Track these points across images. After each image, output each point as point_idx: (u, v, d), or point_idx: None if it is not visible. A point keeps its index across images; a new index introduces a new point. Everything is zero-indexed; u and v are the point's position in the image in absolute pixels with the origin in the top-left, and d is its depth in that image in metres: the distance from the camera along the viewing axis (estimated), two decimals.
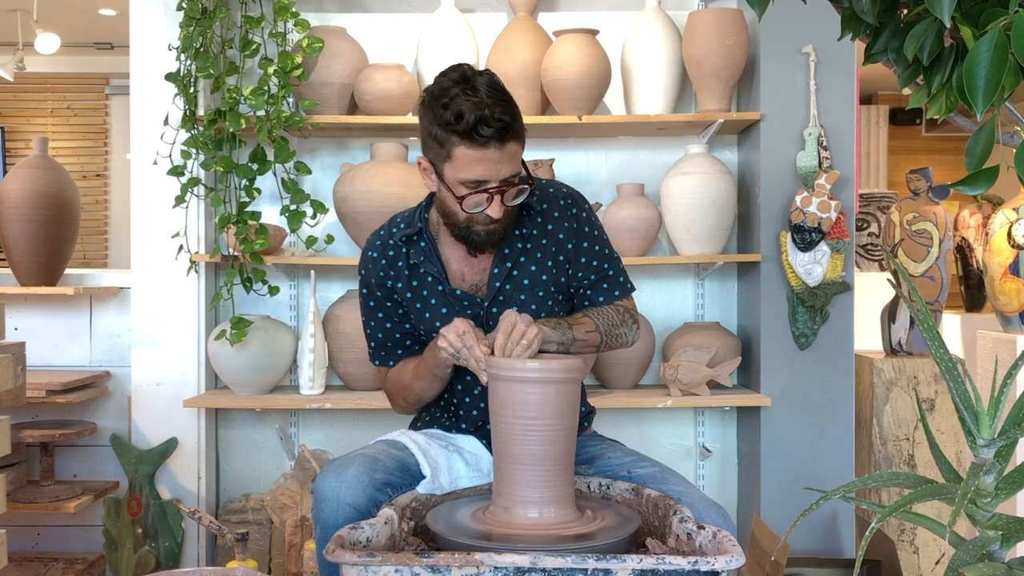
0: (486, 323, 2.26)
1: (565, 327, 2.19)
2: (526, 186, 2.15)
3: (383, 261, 2.31)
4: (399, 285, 2.31)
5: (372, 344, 2.41)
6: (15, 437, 3.49)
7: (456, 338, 2.08)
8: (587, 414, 2.46)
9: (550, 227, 2.28)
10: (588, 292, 2.33)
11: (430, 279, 2.28)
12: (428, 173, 2.20)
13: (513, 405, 1.95)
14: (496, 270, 2.25)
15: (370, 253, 2.34)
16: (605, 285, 2.33)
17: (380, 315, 2.36)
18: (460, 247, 2.27)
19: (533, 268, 2.26)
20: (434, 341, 2.16)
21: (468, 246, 2.23)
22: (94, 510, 3.76)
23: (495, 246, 2.23)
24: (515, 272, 2.25)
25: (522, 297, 2.25)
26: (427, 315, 2.29)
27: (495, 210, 2.12)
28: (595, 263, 2.32)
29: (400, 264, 2.30)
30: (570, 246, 2.29)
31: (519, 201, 2.16)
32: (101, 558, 3.77)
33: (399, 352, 2.38)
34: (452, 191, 2.13)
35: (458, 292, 2.27)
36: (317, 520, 2.09)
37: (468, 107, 2.01)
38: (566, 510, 1.96)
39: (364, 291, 2.37)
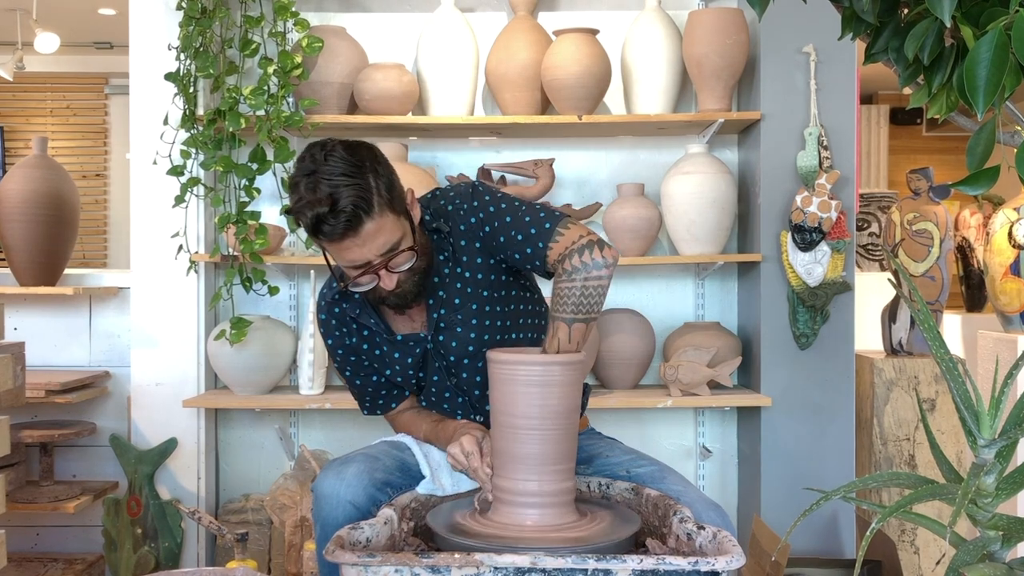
0: (435, 355, 2.26)
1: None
2: (408, 251, 2.08)
3: (333, 321, 2.32)
4: (353, 340, 2.32)
5: (356, 397, 2.43)
6: (14, 437, 3.48)
7: (463, 459, 2.10)
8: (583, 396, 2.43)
9: (455, 240, 2.20)
10: (526, 266, 2.18)
11: (374, 328, 2.28)
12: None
13: (515, 406, 1.94)
14: (431, 301, 2.23)
15: (320, 316, 2.35)
16: (529, 250, 2.12)
17: (348, 372, 2.38)
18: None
19: (458, 285, 2.21)
20: (448, 433, 2.21)
21: (391, 309, 2.24)
22: (93, 510, 3.76)
23: (416, 299, 2.19)
24: (445, 297, 2.22)
25: (459, 316, 2.22)
26: (386, 360, 2.31)
27: (387, 282, 2.09)
28: (513, 235, 2.14)
29: (348, 319, 2.30)
30: (482, 243, 2.19)
31: (408, 266, 2.10)
32: (100, 558, 3.76)
33: (380, 401, 2.41)
34: (343, 277, 2.13)
35: (399, 337, 2.26)
36: (317, 519, 2.09)
37: (305, 210, 1.97)
38: (566, 509, 1.96)
39: (330, 351, 2.38)
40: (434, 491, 2.16)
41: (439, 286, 2.21)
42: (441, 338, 2.23)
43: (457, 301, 2.21)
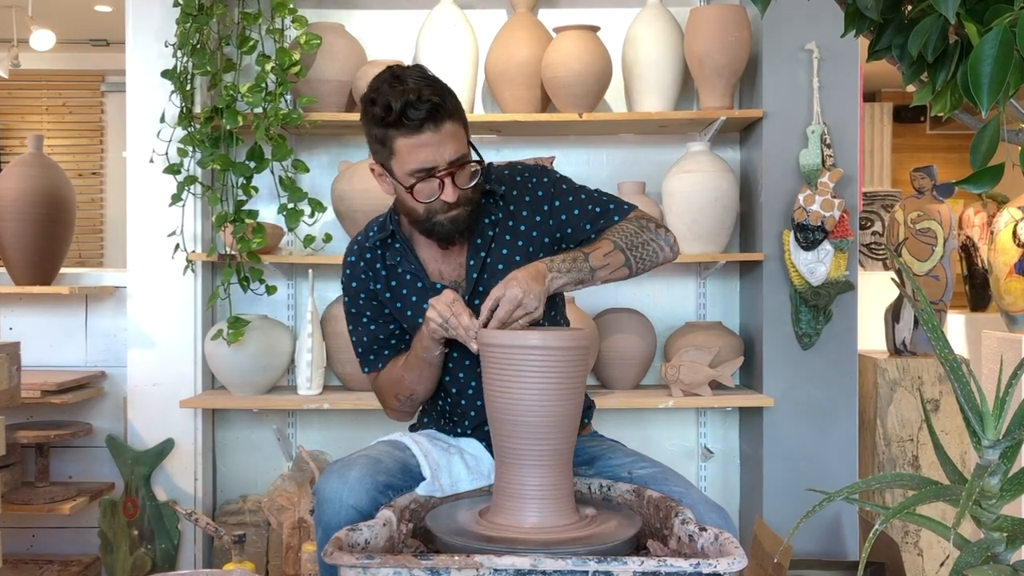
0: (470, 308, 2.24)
1: (578, 259, 2.10)
2: (475, 164, 2.14)
3: (362, 264, 2.32)
4: (378, 287, 2.31)
5: (359, 351, 2.39)
6: (10, 438, 3.49)
7: (445, 307, 2.07)
8: (587, 408, 2.43)
9: (512, 207, 2.25)
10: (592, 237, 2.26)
11: (408, 277, 2.28)
12: (382, 177, 2.20)
13: (510, 378, 1.92)
14: (472, 262, 2.24)
15: (349, 258, 2.35)
16: (602, 221, 2.23)
17: (364, 319, 2.35)
18: (434, 246, 2.26)
19: (505, 252, 2.23)
20: (422, 326, 2.15)
21: (437, 240, 2.21)
22: (89, 512, 3.74)
23: (464, 235, 2.20)
24: (488, 260, 2.23)
25: (500, 267, 2.22)
26: (409, 313, 2.29)
27: (449, 194, 2.11)
28: (588, 208, 2.25)
29: (379, 266, 2.30)
30: (542, 216, 2.24)
31: (473, 183, 2.14)
32: (97, 560, 3.74)
33: (386, 353, 2.36)
34: (404, 186, 2.13)
35: (438, 286, 2.25)
36: (319, 522, 2.08)
37: (394, 96, 2.03)
38: (566, 503, 1.95)
39: (347, 299, 2.36)
40: (433, 492, 2.15)
41: (483, 247, 2.23)
42: (476, 301, 2.21)
43: (501, 267, 2.22)
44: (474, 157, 2.16)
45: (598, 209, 2.24)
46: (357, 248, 2.33)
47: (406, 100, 2.02)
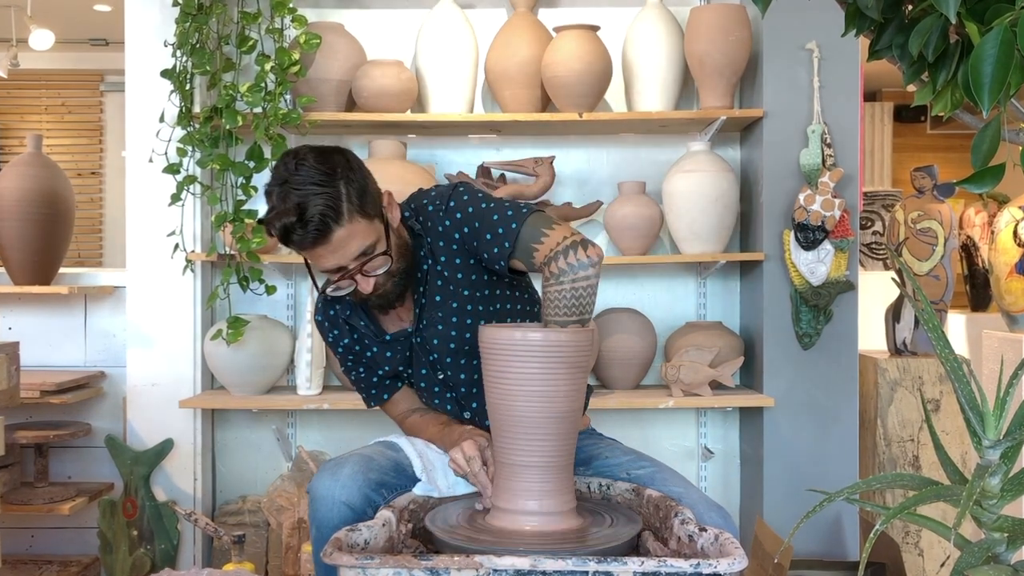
0: (420, 351, 2.28)
1: None
2: (383, 255, 2.12)
3: (326, 323, 2.36)
4: (347, 341, 2.36)
5: (360, 387, 2.44)
6: (9, 438, 3.48)
7: (464, 463, 2.10)
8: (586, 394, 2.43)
9: (429, 239, 2.23)
10: (500, 263, 2.17)
11: (364, 330, 2.33)
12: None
13: (511, 375, 1.92)
14: (415, 296, 2.26)
15: (317, 317, 2.40)
16: (496, 250, 2.11)
17: (350, 364, 2.40)
18: None
19: (440, 283, 2.23)
20: (454, 438, 2.20)
21: (377, 311, 2.28)
22: (89, 512, 3.73)
23: (400, 299, 2.23)
24: (425, 291, 2.25)
25: (440, 313, 2.23)
26: (377, 360, 2.35)
27: (364, 286, 2.14)
28: (489, 239, 2.12)
29: (341, 320, 2.35)
30: (458, 245, 2.20)
31: (384, 269, 2.13)
32: (96, 561, 3.74)
33: (387, 383, 2.41)
34: (324, 282, 2.18)
35: (388, 337, 2.31)
36: (312, 520, 2.09)
37: (275, 220, 2.02)
38: (567, 503, 1.94)
39: (332, 348, 2.41)
40: (430, 492, 2.15)
41: (421, 281, 2.24)
42: (424, 334, 2.25)
43: (438, 299, 2.24)
44: (381, 244, 2.11)
45: (501, 230, 2.10)
46: (321, 306, 2.37)
47: (284, 224, 2.00)
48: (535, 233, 2.08)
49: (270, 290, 3.53)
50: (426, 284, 2.23)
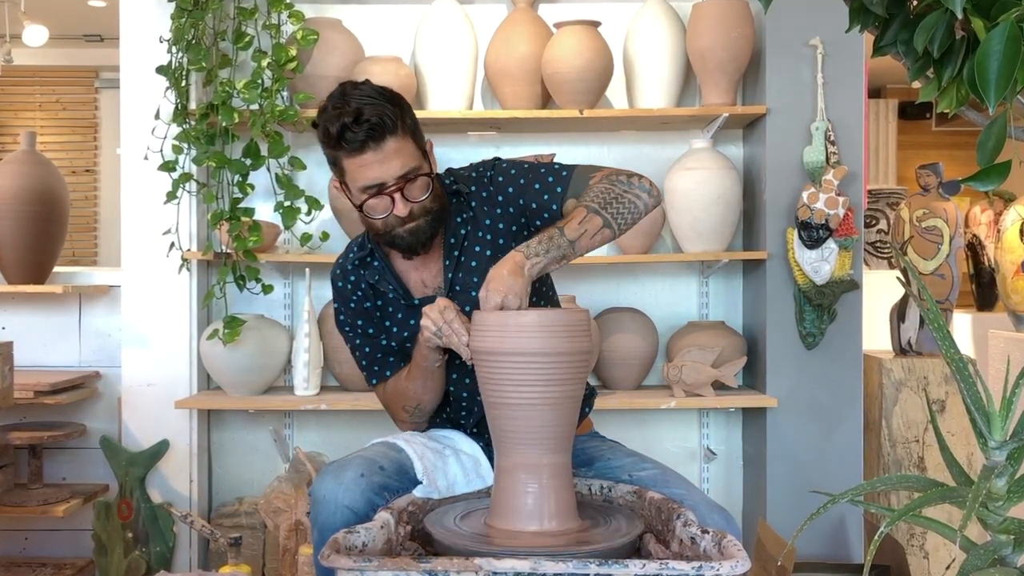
0: None
1: (553, 236, 2.04)
2: (424, 177, 2.15)
3: (348, 287, 2.35)
4: (367, 305, 2.33)
5: (363, 364, 2.40)
6: (2, 439, 3.50)
7: (437, 315, 2.06)
8: (588, 396, 2.41)
9: (474, 203, 2.26)
10: (546, 215, 2.22)
11: (391, 295, 2.30)
12: (344, 193, 2.22)
13: (505, 364, 1.89)
14: (447, 262, 2.25)
15: (337, 284, 2.37)
16: (559, 188, 2.17)
17: (361, 333, 2.36)
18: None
19: (477, 249, 2.24)
20: (419, 334, 2.15)
21: (401, 253, 2.25)
22: (83, 514, 3.71)
23: (427, 245, 2.22)
24: (462, 258, 2.25)
25: (475, 278, 2.21)
26: (396, 330, 2.32)
27: (400, 209, 2.13)
28: (546, 180, 2.21)
29: (364, 286, 2.33)
30: (502, 207, 2.23)
31: (425, 196, 2.15)
32: (90, 563, 3.71)
33: (391, 360, 2.36)
34: (357, 203, 2.17)
35: (416, 302, 2.28)
36: (314, 523, 2.08)
37: (332, 120, 2.07)
38: (567, 503, 1.92)
39: (342, 318, 2.38)
40: (429, 494, 2.14)
41: (456, 246, 2.24)
42: (456, 301, 2.21)
43: (474, 263, 2.23)
44: (425, 169, 2.16)
45: (551, 179, 2.19)
46: (341, 272, 2.36)
47: (342, 123, 2.05)
48: (589, 169, 2.19)
49: (267, 289, 3.51)
50: (462, 248, 2.24)
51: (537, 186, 2.19)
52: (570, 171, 2.19)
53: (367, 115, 2.04)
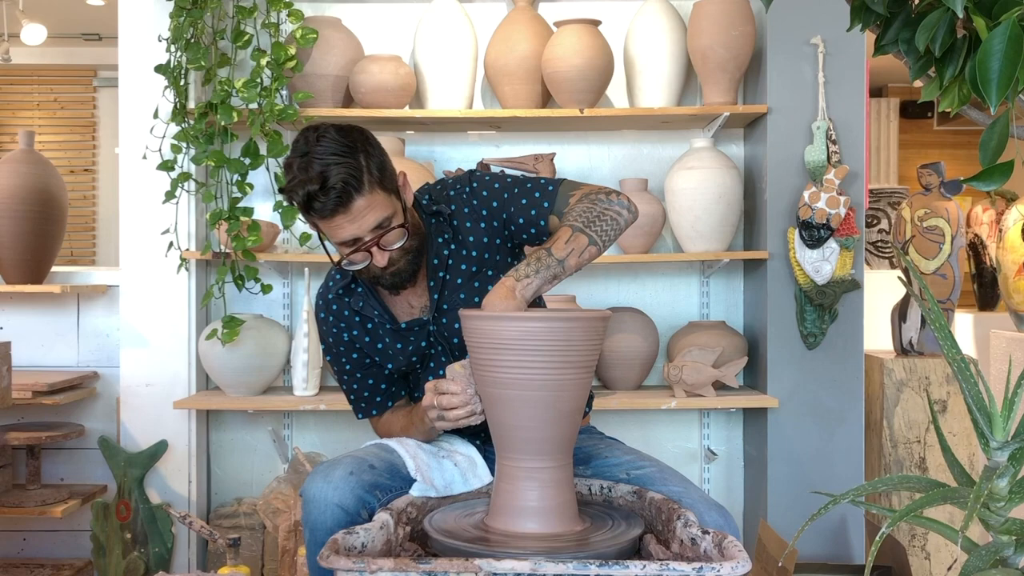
0: (438, 338, 2.27)
1: (541, 257, 2.04)
2: (399, 228, 2.13)
3: (331, 318, 2.34)
4: (354, 333, 2.33)
5: (351, 398, 2.42)
6: (0, 440, 3.47)
7: (431, 399, 2.07)
8: (588, 398, 2.39)
9: (456, 222, 2.25)
10: (532, 230, 2.22)
11: (378, 319, 2.30)
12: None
13: (509, 365, 1.87)
14: (431, 283, 2.26)
15: (320, 315, 2.37)
16: (546, 204, 2.17)
17: (348, 368, 2.37)
18: None
19: (463, 267, 2.25)
20: (420, 411, 2.18)
21: (387, 291, 2.26)
22: (82, 515, 3.71)
23: (412, 280, 2.23)
24: (447, 277, 2.25)
25: (462, 295, 2.24)
26: (388, 353, 2.32)
27: (379, 260, 2.14)
28: (531, 196, 2.20)
29: (347, 314, 2.32)
30: (486, 221, 2.23)
31: (400, 244, 2.15)
32: (89, 564, 3.71)
33: (378, 399, 2.39)
34: (339, 257, 2.20)
35: (403, 325, 2.29)
36: (305, 522, 2.08)
37: (297, 187, 2.04)
38: (567, 503, 1.91)
39: (327, 353, 2.39)
40: (427, 492, 2.13)
41: (440, 267, 2.24)
42: (444, 320, 2.24)
43: (459, 281, 2.24)
44: (399, 218, 2.13)
45: (538, 194, 2.19)
46: (323, 303, 2.36)
47: (307, 192, 2.02)
48: (571, 186, 2.17)
49: (266, 289, 3.50)
50: (447, 268, 2.24)
51: (524, 201, 2.19)
52: (556, 186, 2.18)
53: (332, 181, 2.00)
